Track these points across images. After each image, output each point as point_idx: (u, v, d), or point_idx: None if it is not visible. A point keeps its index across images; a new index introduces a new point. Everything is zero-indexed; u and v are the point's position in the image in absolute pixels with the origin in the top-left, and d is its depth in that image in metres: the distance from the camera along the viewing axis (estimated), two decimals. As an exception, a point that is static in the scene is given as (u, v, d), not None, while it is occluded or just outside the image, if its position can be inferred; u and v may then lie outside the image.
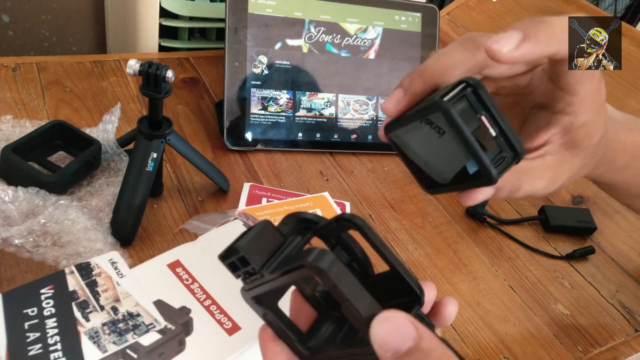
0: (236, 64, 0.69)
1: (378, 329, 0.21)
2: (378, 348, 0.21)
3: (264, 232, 0.27)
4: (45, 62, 0.74)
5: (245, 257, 0.26)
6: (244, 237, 0.27)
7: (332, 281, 0.22)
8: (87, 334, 0.39)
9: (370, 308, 0.23)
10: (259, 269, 0.26)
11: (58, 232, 0.49)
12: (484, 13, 1.01)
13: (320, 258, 0.23)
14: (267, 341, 0.28)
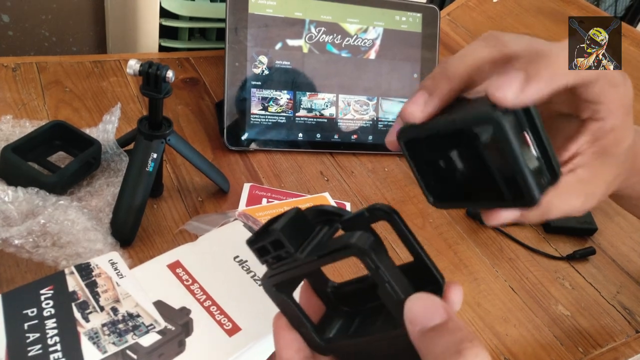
0: (236, 64, 0.69)
1: (412, 305, 0.23)
2: (409, 323, 0.23)
3: (297, 218, 0.27)
4: (45, 62, 0.74)
5: (281, 240, 0.26)
6: (278, 222, 0.27)
7: (375, 262, 0.24)
8: (87, 335, 0.39)
9: (407, 290, 0.24)
10: (294, 252, 0.26)
11: (58, 233, 0.49)
12: (484, 14, 1.01)
13: (364, 240, 0.24)
14: (281, 329, 0.29)
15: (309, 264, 0.26)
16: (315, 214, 0.29)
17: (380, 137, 0.75)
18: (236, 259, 0.48)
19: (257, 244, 0.28)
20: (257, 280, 0.47)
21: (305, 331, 0.28)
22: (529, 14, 0.99)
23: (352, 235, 0.25)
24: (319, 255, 0.26)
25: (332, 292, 0.30)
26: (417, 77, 0.77)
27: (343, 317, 0.30)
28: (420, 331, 0.23)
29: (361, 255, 0.24)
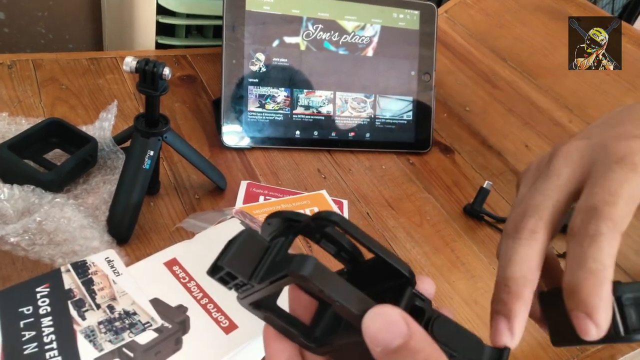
0: (233, 61, 0.69)
1: (370, 323, 0.22)
2: (369, 343, 0.22)
3: (246, 243, 0.27)
4: (41, 59, 0.74)
5: (232, 272, 0.26)
6: (226, 252, 0.26)
7: (317, 286, 0.23)
8: (83, 333, 0.39)
9: (362, 304, 0.23)
10: (247, 281, 0.26)
11: (54, 230, 0.49)
12: (482, 11, 1.01)
13: (302, 265, 0.23)
14: (270, 340, 0.28)
15: (266, 289, 0.26)
16: (278, 221, 0.28)
17: (378, 135, 0.75)
18: (233, 256, 0.48)
19: (215, 276, 0.27)
20: (254, 278, 0.47)
21: (295, 337, 0.28)
22: (527, 11, 0.98)
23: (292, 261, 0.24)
24: (270, 282, 0.25)
25: None
26: (415, 75, 0.77)
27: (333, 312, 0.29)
28: (382, 352, 0.22)
29: (301, 282, 0.23)
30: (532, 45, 0.93)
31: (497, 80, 0.89)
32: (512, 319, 0.27)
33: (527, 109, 0.84)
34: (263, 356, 0.46)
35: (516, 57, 0.92)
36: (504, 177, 0.74)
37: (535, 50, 0.92)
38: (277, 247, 0.27)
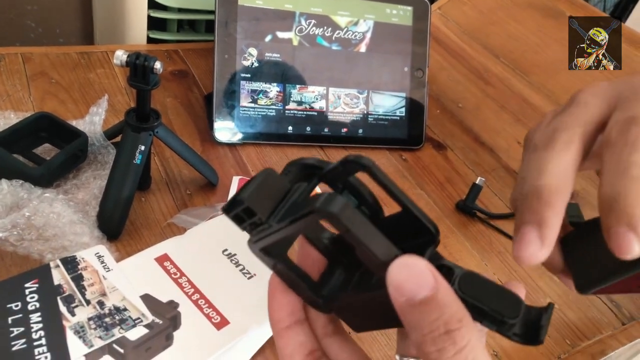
0: (226, 56, 0.69)
1: (396, 272, 0.21)
2: (393, 291, 0.21)
3: (268, 181, 0.25)
4: (31, 53, 0.73)
5: (250, 208, 0.24)
6: (246, 188, 0.25)
7: (345, 225, 0.21)
8: (73, 329, 0.38)
9: (388, 252, 0.22)
10: (266, 219, 0.25)
11: (43, 226, 0.49)
12: (475, 8, 1.01)
13: (330, 202, 0.21)
14: (276, 291, 0.27)
15: (285, 229, 0.24)
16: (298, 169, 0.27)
17: (371, 131, 0.75)
18: (225, 252, 0.48)
19: (232, 212, 0.26)
20: (246, 273, 0.46)
21: (302, 289, 0.27)
22: (520, 8, 0.99)
23: (319, 198, 0.22)
24: (291, 221, 0.23)
25: (330, 243, 0.28)
26: (408, 71, 0.77)
27: (345, 269, 0.28)
28: (407, 303, 0.21)
29: (328, 218, 0.22)
30: (525, 42, 0.93)
31: (489, 77, 0.89)
32: (543, 226, 0.24)
33: (520, 106, 0.84)
34: (255, 352, 0.46)
35: (509, 54, 0.92)
36: (496, 173, 0.74)
37: (528, 48, 0.92)
38: (299, 191, 0.26)
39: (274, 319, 0.27)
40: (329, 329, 0.28)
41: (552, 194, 0.25)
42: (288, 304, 0.27)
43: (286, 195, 0.26)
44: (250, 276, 0.46)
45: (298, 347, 0.27)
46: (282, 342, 0.27)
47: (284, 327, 0.27)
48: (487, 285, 0.23)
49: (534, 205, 0.25)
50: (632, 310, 0.60)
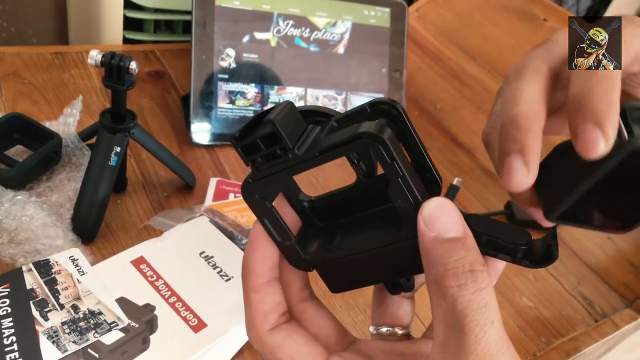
0: (203, 57, 0.68)
1: (431, 208, 0.22)
2: (424, 226, 0.22)
3: (293, 111, 0.24)
4: (3, 52, 0.71)
5: (278, 133, 0.23)
6: (272, 113, 0.23)
7: (393, 154, 0.21)
8: (46, 334, 0.38)
9: (423, 189, 0.23)
10: (291, 148, 0.23)
11: (15, 229, 0.48)
12: (452, 10, 1.02)
13: (381, 129, 0.22)
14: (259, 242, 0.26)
15: (305, 163, 0.23)
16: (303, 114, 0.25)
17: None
18: (202, 254, 0.48)
19: (246, 140, 0.24)
20: (223, 275, 0.46)
21: (286, 245, 0.26)
22: (495, 11, 1.00)
23: (361, 125, 0.22)
24: (321, 151, 0.23)
25: (308, 206, 0.28)
26: (386, 72, 0.77)
27: (319, 233, 0.28)
28: (435, 238, 0.22)
29: (377, 143, 0.21)
30: (501, 44, 0.95)
31: (466, 78, 0.90)
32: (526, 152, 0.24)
33: (496, 107, 0.86)
34: (233, 354, 0.46)
35: (485, 55, 0.94)
36: (474, 174, 0.75)
37: (503, 49, 0.94)
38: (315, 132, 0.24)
39: (254, 272, 0.25)
40: (304, 294, 0.27)
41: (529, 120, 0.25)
42: (270, 257, 0.26)
43: (303, 133, 0.24)
44: (228, 278, 0.46)
45: (275, 305, 0.25)
46: (258, 298, 0.25)
47: (263, 282, 0.25)
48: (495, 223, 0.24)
49: (513, 133, 0.25)
50: (605, 308, 0.61)
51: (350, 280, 0.27)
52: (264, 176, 0.24)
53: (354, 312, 0.54)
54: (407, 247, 0.24)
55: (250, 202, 0.25)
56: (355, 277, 0.27)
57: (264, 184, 0.25)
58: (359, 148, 0.22)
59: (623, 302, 0.62)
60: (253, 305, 0.25)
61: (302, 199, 0.28)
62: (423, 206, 0.22)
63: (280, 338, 0.25)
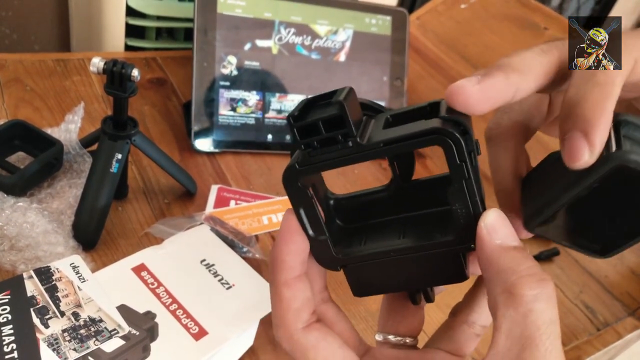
0: (204, 64, 0.68)
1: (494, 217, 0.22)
2: (487, 234, 0.22)
3: (355, 98, 0.22)
4: (5, 59, 0.72)
5: (345, 117, 0.21)
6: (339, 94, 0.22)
7: (465, 154, 0.21)
8: (46, 341, 0.37)
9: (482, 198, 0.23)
10: (355, 135, 0.22)
11: (16, 236, 0.47)
12: (452, 19, 1.02)
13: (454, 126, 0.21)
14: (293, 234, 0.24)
15: (365, 153, 0.22)
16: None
17: (350, 140, 0.75)
18: (203, 262, 0.47)
19: (306, 120, 0.22)
20: (224, 283, 0.46)
21: (319, 240, 0.24)
22: (495, 20, 1.00)
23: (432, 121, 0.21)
24: (386, 142, 0.21)
25: (333, 204, 0.27)
26: (387, 80, 0.77)
27: (341, 233, 0.26)
28: (501, 245, 0.22)
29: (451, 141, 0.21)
30: (501, 52, 0.95)
31: (467, 87, 0.90)
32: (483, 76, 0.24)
33: (496, 115, 0.86)
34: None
35: (485, 63, 0.94)
36: (474, 181, 0.75)
37: (503, 58, 0.94)
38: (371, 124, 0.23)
39: (287, 265, 0.24)
40: (324, 295, 0.26)
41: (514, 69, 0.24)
42: (303, 251, 0.24)
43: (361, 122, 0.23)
44: (229, 286, 0.46)
45: (307, 302, 0.24)
46: (290, 293, 0.23)
47: (294, 277, 0.24)
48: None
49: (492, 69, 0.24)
50: (607, 316, 0.61)
51: (377, 285, 0.26)
52: (315, 163, 0.23)
53: (355, 320, 0.53)
54: (448, 255, 0.23)
55: (290, 190, 0.24)
56: (383, 282, 0.26)
57: (311, 171, 0.23)
58: (431, 143, 0.21)
59: (625, 310, 0.62)
60: (284, 301, 0.24)
61: (328, 195, 0.27)
62: (485, 215, 0.22)
63: (314, 339, 0.23)
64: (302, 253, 0.24)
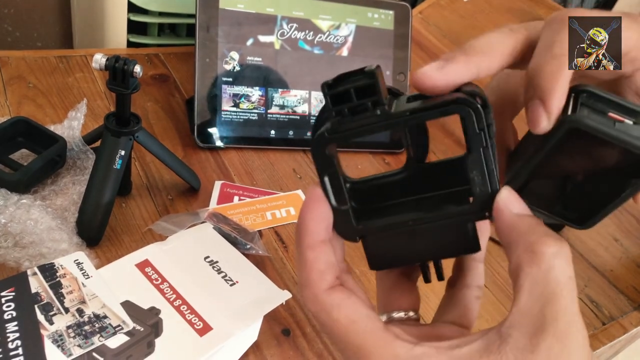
0: (207, 60, 0.68)
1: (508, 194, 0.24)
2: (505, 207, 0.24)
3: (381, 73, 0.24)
4: (7, 56, 0.72)
5: (377, 85, 0.23)
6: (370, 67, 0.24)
7: (484, 123, 0.23)
8: (51, 338, 0.37)
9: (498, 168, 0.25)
10: (384, 103, 0.24)
11: (20, 233, 0.47)
12: (455, 12, 1.02)
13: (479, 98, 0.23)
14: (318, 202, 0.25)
15: (392, 121, 0.24)
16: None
17: (353, 135, 0.75)
18: (207, 259, 0.47)
19: (340, 87, 0.24)
20: (228, 280, 0.46)
21: (341, 210, 0.26)
22: (498, 13, 1.00)
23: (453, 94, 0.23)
24: (412, 111, 0.23)
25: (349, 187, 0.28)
26: (390, 75, 0.77)
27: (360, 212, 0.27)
28: (517, 215, 0.24)
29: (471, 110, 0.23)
30: (505, 46, 0.94)
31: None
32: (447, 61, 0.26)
33: (500, 109, 0.85)
34: (238, 358, 0.45)
35: (489, 58, 0.93)
36: (478, 176, 0.75)
37: (507, 52, 0.93)
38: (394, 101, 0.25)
39: (310, 229, 0.25)
40: (344, 265, 0.27)
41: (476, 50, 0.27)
42: (326, 218, 0.26)
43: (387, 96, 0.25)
44: (233, 283, 0.46)
45: (330, 265, 0.25)
46: (314, 255, 0.25)
47: (318, 240, 0.25)
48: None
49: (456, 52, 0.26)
50: (612, 310, 0.61)
51: (393, 257, 0.28)
52: (345, 130, 0.24)
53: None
54: (464, 224, 0.25)
55: (318, 157, 0.25)
56: (400, 254, 0.27)
57: (341, 138, 0.25)
58: (453, 112, 0.23)
59: (631, 304, 0.62)
60: (309, 262, 0.25)
61: (345, 178, 0.28)
62: (501, 191, 0.24)
63: (338, 298, 0.24)
64: (325, 220, 0.25)
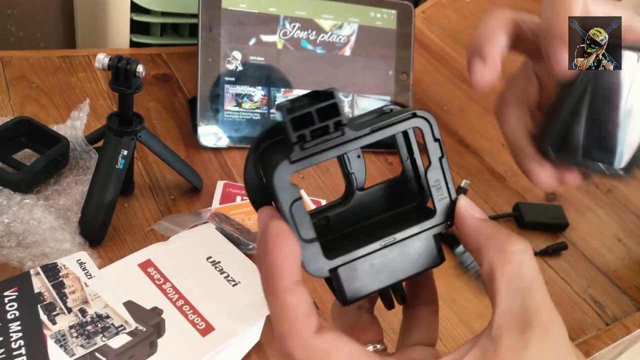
0: (209, 60, 0.68)
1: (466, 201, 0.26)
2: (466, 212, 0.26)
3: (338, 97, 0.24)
4: (11, 57, 0.72)
5: (339, 103, 0.22)
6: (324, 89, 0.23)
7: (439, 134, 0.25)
8: (54, 338, 0.38)
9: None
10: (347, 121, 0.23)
11: (23, 232, 0.48)
12: (458, 12, 1.01)
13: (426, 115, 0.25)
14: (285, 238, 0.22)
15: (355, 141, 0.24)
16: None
17: (356, 134, 0.75)
18: (209, 259, 0.47)
19: (301, 111, 0.22)
20: (230, 280, 0.46)
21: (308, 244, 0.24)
22: (501, 13, 0.99)
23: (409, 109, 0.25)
24: (374, 129, 0.24)
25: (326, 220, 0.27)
26: (392, 74, 0.77)
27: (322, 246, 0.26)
28: (478, 219, 0.25)
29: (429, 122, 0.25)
30: (508, 45, 0.94)
31: (473, 80, 0.90)
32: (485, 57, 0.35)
33: (503, 109, 0.85)
34: (241, 358, 0.45)
35: (492, 57, 0.93)
36: (481, 176, 0.75)
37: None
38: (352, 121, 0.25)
39: (286, 271, 0.22)
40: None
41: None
42: (297, 254, 0.22)
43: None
44: (235, 284, 0.46)
45: (311, 306, 0.22)
46: (294, 299, 0.22)
47: (295, 281, 0.22)
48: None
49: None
50: (616, 311, 0.61)
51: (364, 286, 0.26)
52: (308, 155, 0.23)
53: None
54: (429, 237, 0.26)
55: (281, 188, 0.23)
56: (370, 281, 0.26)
57: (304, 164, 0.23)
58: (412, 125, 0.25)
59: (634, 305, 0.62)
60: (291, 309, 0.22)
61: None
62: (459, 199, 0.26)
63: (331, 339, 0.22)
64: (297, 257, 0.23)
